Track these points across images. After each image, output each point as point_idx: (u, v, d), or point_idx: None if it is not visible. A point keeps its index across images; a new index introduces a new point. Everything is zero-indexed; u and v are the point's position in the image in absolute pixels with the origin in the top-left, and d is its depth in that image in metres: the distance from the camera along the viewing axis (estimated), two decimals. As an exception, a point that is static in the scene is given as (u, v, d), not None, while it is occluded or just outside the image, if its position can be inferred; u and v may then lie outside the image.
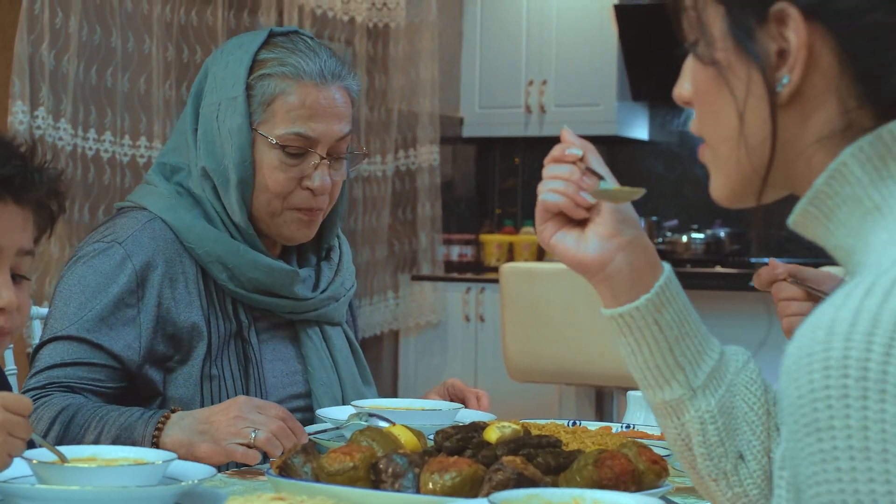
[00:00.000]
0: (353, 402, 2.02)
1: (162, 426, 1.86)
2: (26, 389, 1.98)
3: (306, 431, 1.89)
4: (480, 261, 6.45)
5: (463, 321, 6.00)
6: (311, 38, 2.13)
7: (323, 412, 2.01)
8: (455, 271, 6.32)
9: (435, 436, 1.59)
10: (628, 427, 2.08)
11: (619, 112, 6.11)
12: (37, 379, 1.99)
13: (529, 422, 1.94)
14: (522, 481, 1.41)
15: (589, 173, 1.33)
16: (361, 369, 2.26)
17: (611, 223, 1.31)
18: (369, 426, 1.72)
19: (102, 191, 4.48)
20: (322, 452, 1.55)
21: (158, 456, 1.57)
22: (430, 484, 1.43)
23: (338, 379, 2.20)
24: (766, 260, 1.85)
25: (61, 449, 1.52)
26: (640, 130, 6.36)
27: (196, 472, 1.57)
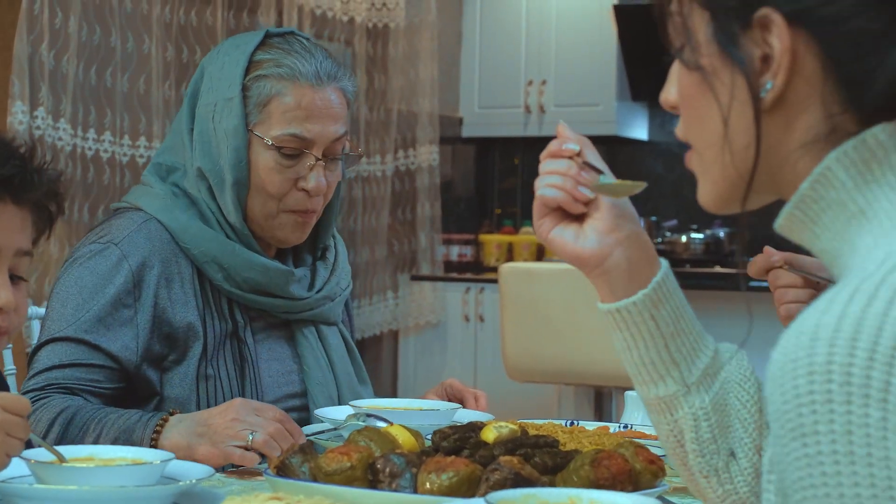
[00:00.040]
0: (351, 402, 2.02)
1: (160, 429, 1.86)
2: (25, 391, 1.99)
3: (304, 432, 1.90)
4: (480, 261, 6.45)
5: (462, 321, 6.00)
6: (308, 39, 2.14)
7: (321, 412, 2.01)
8: (454, 271, 6.32)
9: (432, 436, 1.59)
10: (626, 427, 2.08)
11: (618, 112, 6.11)
12: (35, 381, 1.99)
13: (527, 422, 1.94)
14: (519, 481, 1.41)
15: (587, 168, 1.33)
16: (357, 368, 2.26)
17: (609, 218, 1.31)
18: (367, 426, 1.73)
19: (102, 191, 4.48)
20: (320, 452, 1.55)
21: (156, 456, 1.57)
22: (428, 484, 1.44)
23: (333, 378, 2.20)
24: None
25: (59, 449, 1.53)
26: (640, 130, 6.36)
27: (194, 471, 1.57)
